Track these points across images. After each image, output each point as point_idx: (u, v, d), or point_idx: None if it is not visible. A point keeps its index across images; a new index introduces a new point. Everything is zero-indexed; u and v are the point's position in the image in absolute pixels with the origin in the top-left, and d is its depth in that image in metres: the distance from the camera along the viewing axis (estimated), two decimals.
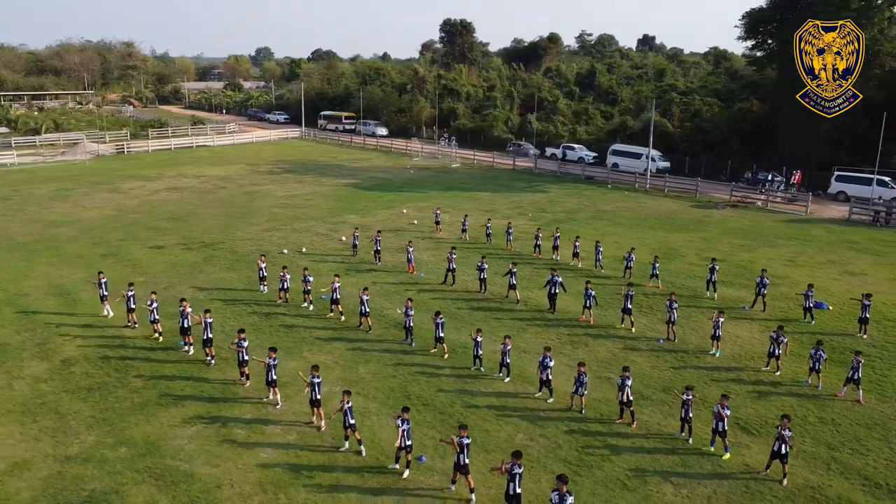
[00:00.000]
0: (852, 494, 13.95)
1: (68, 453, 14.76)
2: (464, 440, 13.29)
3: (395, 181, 52.18)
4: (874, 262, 31.79)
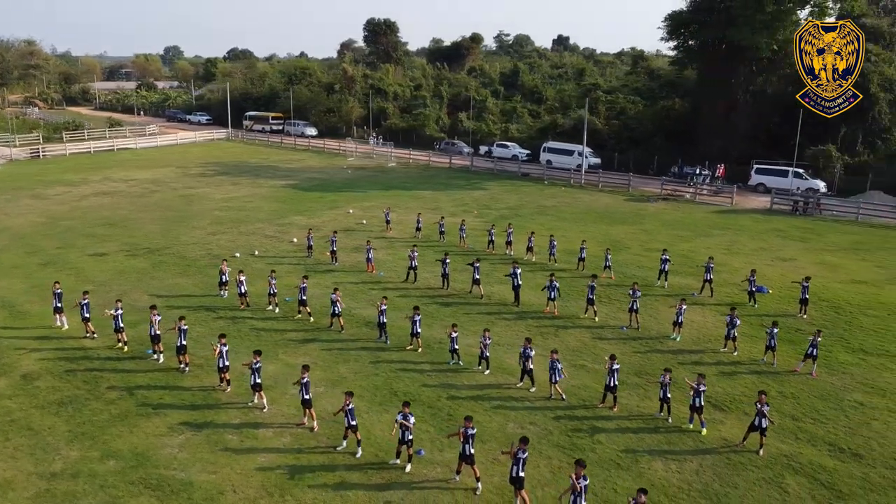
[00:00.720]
0: (821, 460, 15.17)
1: (53, 470, 14.10)
2: (469, 431, 13.60)
3: (334, 181, 51.75)
4: (801, 248, 34.23)
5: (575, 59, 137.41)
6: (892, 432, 16.39)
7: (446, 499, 13.54)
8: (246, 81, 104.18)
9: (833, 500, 13.77)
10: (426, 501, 13.45)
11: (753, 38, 50.17)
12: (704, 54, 57.05)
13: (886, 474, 14.65)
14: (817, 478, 14.49)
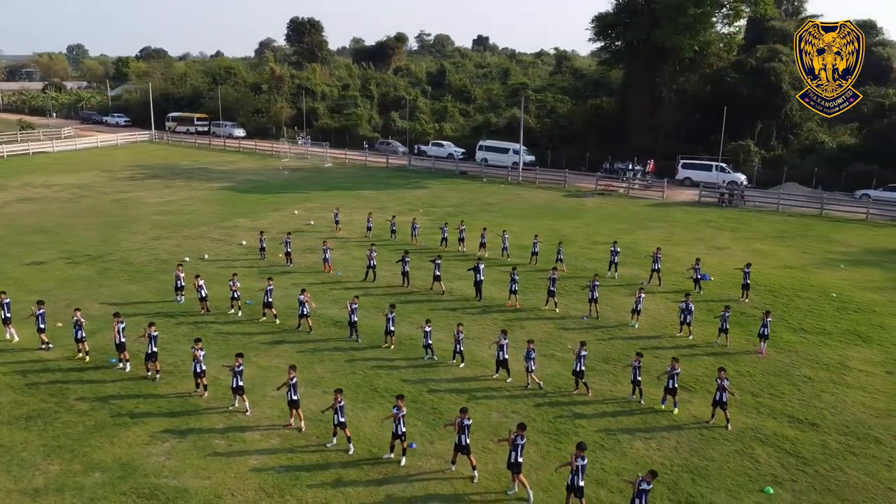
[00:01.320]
0: (783, 430, 16.40)
1: (34, 486, 13.52)
2: (465, 421, 13.97)
3: (273, 183, 50.91)
4: (732, 237, 36.37)
5: (497, 58, 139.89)
6: (840, 403, 17.87)
7: (445, 488, 13.87)
8: (166, 81, 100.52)
9: (799, 465, 14.95)
10: (426, 491, 13.73)
11: (677, 40, 52.72)
12: (630, 54, 59.43)
13: (841, 440, 16.01)
14: (782, 447, 15.67)
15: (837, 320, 24.01)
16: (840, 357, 20.78)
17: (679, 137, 60.04)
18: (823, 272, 30.13)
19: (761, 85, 56.52)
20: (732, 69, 57.65)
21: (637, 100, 59.34)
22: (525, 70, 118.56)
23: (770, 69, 55.98)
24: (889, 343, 22.05)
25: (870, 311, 25.03)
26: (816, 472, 14.70)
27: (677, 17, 51.55)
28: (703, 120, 59.75)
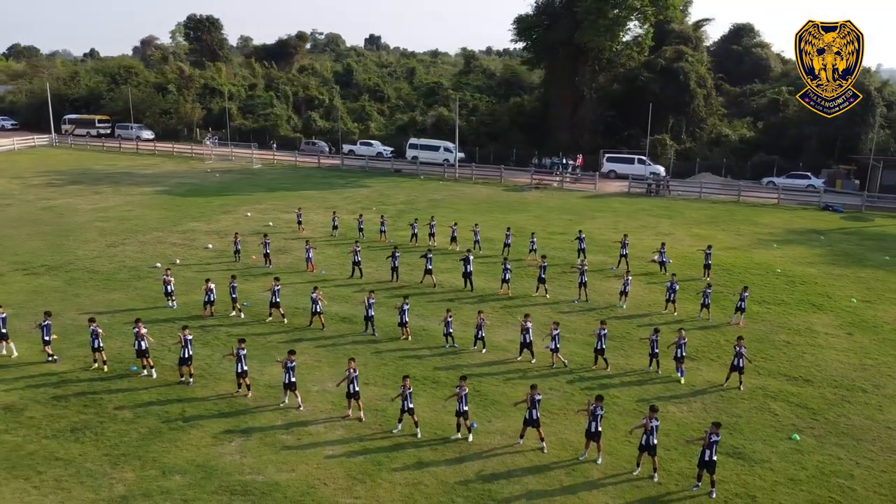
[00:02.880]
0: (785, 387, 18.57)
1: (117, 494, 13.22)
2: (536, 397, 14.99)
3: (208, 186, 49.39)
4: (671, 223, 39.37)
5: (394, 58, 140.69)
6: (821, 361, 20.36)
7: (520, 460, 14.81)
8: (57, 81, 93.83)
9: (810, 415, 17.08)
10: (505, 465, 14.61)
11: (598, 41, 55.86)
12: (552, 54, 62.20)
13: (835, 392, 18.37)
14: (790, 401, 17.79)
15: (790, 292, 26.95)
16: (805, 323, 23.51)
17: (597, 133, 63.62)
18: (761, 252, 33.43)
19: (670, 83, 60.95)
20: (645, 69, 61.74)
21: (559, 97, 62.23)
22: (427, 69, 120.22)
23: (679, 69, 60.47)
24: (839, 309, 25.11)
25: (813, 283, 28.24)
26: (826, 420, 16.87)
27: (597, 19, 54.63)
28: (619, 116, 63.72)
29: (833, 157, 55.74)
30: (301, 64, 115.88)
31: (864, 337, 22.45)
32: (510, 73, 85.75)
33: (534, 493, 13.62)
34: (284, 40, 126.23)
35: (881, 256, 33.01)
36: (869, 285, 28.26)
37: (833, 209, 44.44)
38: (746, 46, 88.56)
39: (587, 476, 14.26)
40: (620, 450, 15.22)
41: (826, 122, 55.28)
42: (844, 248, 34.80)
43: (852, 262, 31.81)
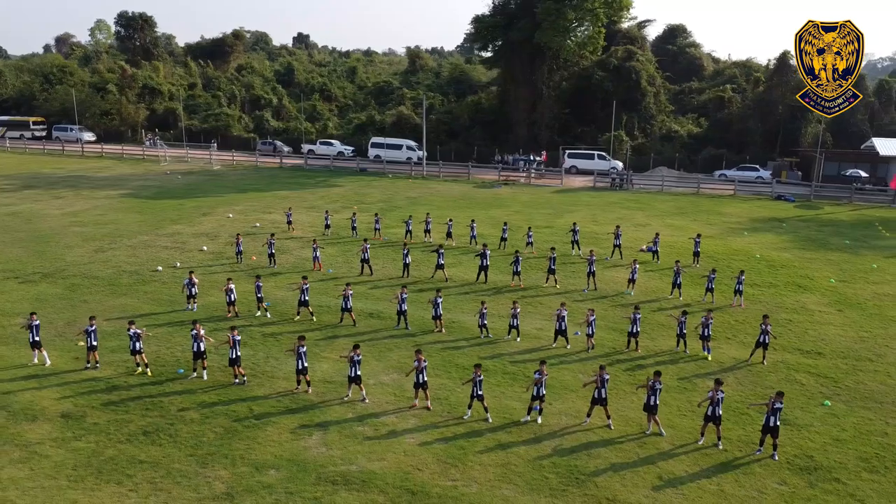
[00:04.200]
0: (802, 360, 20.18)
1: (219, 492, 13.25)
2: (605, 376, 15.88)
3: (174, 188, 48.18)
4: (644, 215, 41.23)
5: (330, 56, 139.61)
6: (825, 335, 22.16)
7: (592, 437, 15.65)
8: None
9: (832, 384, 18.67)
10: (580, 441, 15.43)
11: (557, 41, 57.56)
12: (511, 54, 63.58)
13: (846, 362, 20.10)
14: (811, 372, 19.38)
15: (775, 275, 28.96)
16: (799, 303, 25.42)
17: (553, 129, 65.52)
18: (735, 239, 35.59)
19: (622, 82, 63.42)
20: (598, 68, 63.97)
21: (517, 95, 63.66)
22: (366, 68, 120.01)
23: (631, 68, 62.97)
24: (823, 289, 27.23)
25: (792, 267, 30.40)
26: (847, 387, 18.50)
27: (557, 20, 56.28)
28: (573, 114, 65.80)
29: (776, 150, 59.42)
30: (238, 63, 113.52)
31: (853, 313, 24.51)
32: (459, 72, 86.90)
33: (617, 466, 14.49)
34: (220, 39, 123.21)
35: (842, 241, 35.75)
36: (840, 267, 30.66)
37: (785, 199, 47.53)
38: (680, 46, 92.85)
39: (658, 447, 15.26)
40: (679, 423, 16.31)
41: (769, 117, 58.98)
42: (807, 234, 37.45)
43: (818, 247, 34.34)
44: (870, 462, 14.85)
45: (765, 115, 60.40)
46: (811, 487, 13.88)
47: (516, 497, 13.34)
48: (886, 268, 30.63)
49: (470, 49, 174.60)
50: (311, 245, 32.21)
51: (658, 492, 13.63)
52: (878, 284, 28.07)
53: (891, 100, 64.67)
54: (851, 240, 36.01)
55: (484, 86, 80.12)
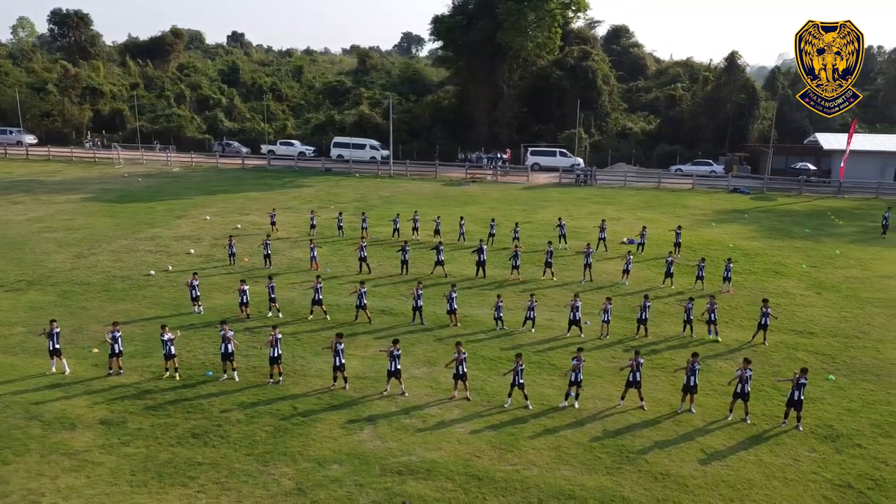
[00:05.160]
0: (797, 340, 21.58)
1: (289, 488, 13.33)
2: (640, 360, 16.71)
3: (138, 191, 46.81)
4: (615, 209, 42.67)
5: (273, 56, 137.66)
6: (811, 316, 23.71)
7: (631, 418, 16.40)
8: None
9: (829, 360, 20.07)
10: (621, 423, 16.16)
11: (518, 40, 58.63)
12: (472, 53, 64.29)
13: (837, 340, 21.61)
14: (808, 350, 20.77)
15: (752, 263, 30.62)
16: (780, 287, 27.04)
17: (512, 128, 66.70)
18: (705, 230, 37.33)
19: (579, 80, 65.12)
20: (556, 67, 65.47)
21: (477, 94, 64.46)
22: (310, 68, 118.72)
23: (587, 67, 64.72)
24: (798, 274, 29.00)
25: (764, 255, 32.19)
26: (844, 362, 19.94)
27: (518, 20, 57.35)
28: (530, 112, 67.15)
29: (725, 146, 62.26)
30: (179, 62, 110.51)
31: (831, 295, 26.27)
32: (412, 72, 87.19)
33: (660, 443, 15.31)
34: (158, 38, 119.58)
35: (802, 230, 38.01)
36: (807, 254, 32.67)
37: (740, 191, 49.98)
38: (624, 46, 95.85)
39: (693, 425, 16.17)
40: (704, 402, 17.26)
41: (718, 114, 61.74)
42: (769, 224, 39.62)
43: (783, 236, 36.43)
44: (882, 428, 16.16)
45: (714, 112, 63.20)
46: (838, 453, 15.03)
47: (576, 476, 13.96)
48: (848, 253, 32.81)
49: (408, 49, 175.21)
50: (299, 245, 32.28)
51: (705, 465, 14.50)
52: (846, 269, 30.09)
53: None
54: (811, 228, 38.32)
55: (439, 85, 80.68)
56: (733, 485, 13.78)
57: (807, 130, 62.93)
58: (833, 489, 13.70)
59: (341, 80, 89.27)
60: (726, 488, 13.67)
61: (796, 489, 13.68)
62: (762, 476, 14.09)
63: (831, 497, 13.44)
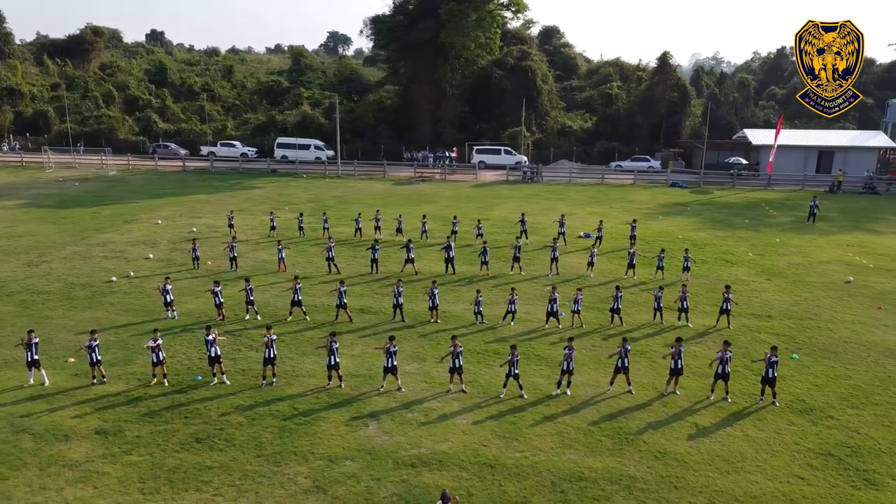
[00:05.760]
0: (756, 323, 22.98)
1: (307, 486, 13.36)
2: (627, 347, 17.51)
3: (77, 196, 44.88)
4: (566, 204, 43.87)
5: (181, 54, 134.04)
6: (767, 301, 25.25)
7: (620, 402, 17.18)
8: None
9: (790, 341, 21.48)
10: (613, 408, 16.89)
11: (461, 41, 59.29)
12: (414, 54, 64.52)
13: (792, 322, 23.13)
14: (770, 332, 22.16)
15: (702, 253, 32.22)
16: (733, 275, 28.61)
17: (455, 126, 67.40)
18: (653, 223, 38.95)
19: (519, 80, 66.42)
20: (497, 67, 66.54)
21: (420, 94, 64.78)
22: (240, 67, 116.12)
23: (527, 66, 66.09)
24: (746, 262, 30.76)
25: (712, 245, 33.92)
26: (802, 342, 21.41)
27: (461, 20, 57.99)
28: (471, 111, 68.04)
29: (660, 142, 64.88)
30: (101, 61, 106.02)
31: (780, 281, 28.03)
32: (349, 72, 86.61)
33: (653, 424, 16.12)
34: (77, 36, 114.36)
35: (742, 220, 40.21)
36: (751, 243, 34.64)
37: (679, 186, 52.29)
38: (556, 46, 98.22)
39: (679, 405, 17.09)
40: (686, 383, 18.21)
41: (652, 112, 64.25)
42: (710, 216, 41.71)
43: (725, 226, 38.45)
44: (848, 400, 17.54)
45: (649, 110, 65.76)
46: (814, 425, 16.24)
47: (582, 459, 14.59)
48: (787, 241, 34.99)
49: (335, 49, 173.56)
50: (262, 247, 31.88)
51: (696, 441, 15.41)
52: (787, 256, 32.11)
53: (749, 95, 72.58)
54: (749, 219, 40.59)
55: (377, 84, 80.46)
56: (727, 458, 14.71)
57: (734, 126, 66.35)
58: (816, 457, 14.83)
59: (278, 80, 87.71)
60: (721, 462, 14.58)
61: (784, 459, 14.73)
62: (751, 449, 15.10)
63: (816, 464, 14.55)
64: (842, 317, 23.81)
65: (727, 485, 13.77)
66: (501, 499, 13.23)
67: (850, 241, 35.17)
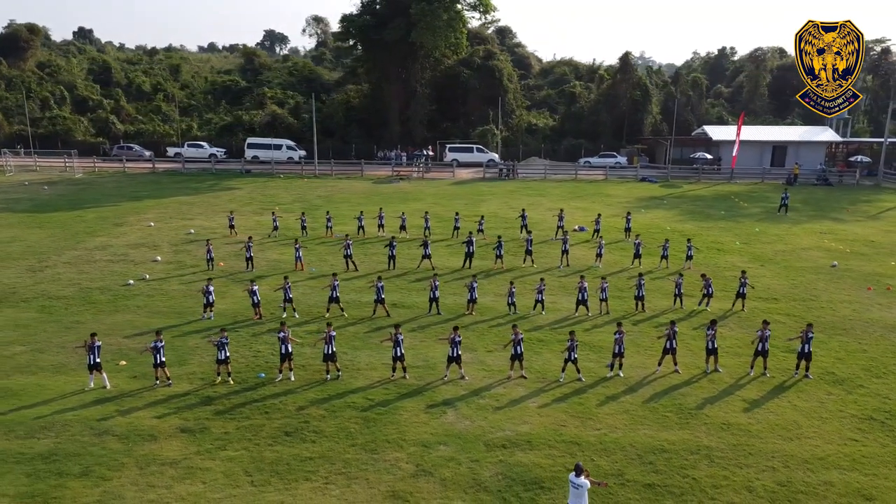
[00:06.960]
0: (765, 305, 24.58)
1: (410, 472, 13.89)
2: (675, 329, 18.65)
3: (51, 200, 43.41)
4: (550, 200, 45.17)
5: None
6: (769, 285, 26.93)
7: (671, 381, 18.27)
8: None
9: (801, 320, 23.04)
10: (666, 385, 17.95)
11: (433, 41, 59.91)
12: (383, 53, 64.70)
13: (797, 303, 24.84)
14: (781, 313, 23.76)
15: (694, 243, 33.83)
16: (729, 263, 30.34)
17: (424, 125, 68.00)
18: (638, 216, 40.50)
19: (485, 79, 67.55)
20: (464, 66, 67.44)
21: (390, 93, 65.07)
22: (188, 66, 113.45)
23: (494, 66, 67.26)
24: (737, 251, 32.60)
25: (700, 235, 35.67)
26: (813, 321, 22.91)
27: (432, 20, 58.59)
28: (439, 110, 68.79)
29: (623, 139, 67.16)
30: (38, 60, 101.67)
31: (773, 267, 29.91)
32: (308, 71, 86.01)
33: (709, 399, 17.24)
34: (11, 33, 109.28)
35: (718, 212, 42.35)
36: (734, 232, 36.63)
37: (649, 180, 54.42)
38: (509, 46, 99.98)
39: (725, 382, 18.28)
40: (722, 362, 19.51)
41: (615, 110, 66.43)
42: (688, 208, 43.73)
43: (706, 218, 40.46)
44: (871, 371, 19.16)
45: (612, 108, 67.97)
46: (849, 394, 17.74)
47: (656, 434, 15.57)
48: (766, 230, 37.17)
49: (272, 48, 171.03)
50: (267, 247, 31.81)
51: (752, 412, 16.63)
52: (771, 244, 34.17)
53: (702, 93, 75.92)
54: (724, 210, 42.79)
55: (337, 84, 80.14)
56: (785, 427, 15.96)
57: (691, 123, 69.36)
58: (861, 422, 16.26)
59: (235, 80, 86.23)
60: (781, 430, 15.82)
61: (834, 425, 16.10)
62: (803, 417, 16.42)
63: (863, 428, 15.97)
64: (839, 297, 25.71)
65: (794, 449, 15.00)
66: (595, 473, 14.05)
67: (821, 229, 37.62)
